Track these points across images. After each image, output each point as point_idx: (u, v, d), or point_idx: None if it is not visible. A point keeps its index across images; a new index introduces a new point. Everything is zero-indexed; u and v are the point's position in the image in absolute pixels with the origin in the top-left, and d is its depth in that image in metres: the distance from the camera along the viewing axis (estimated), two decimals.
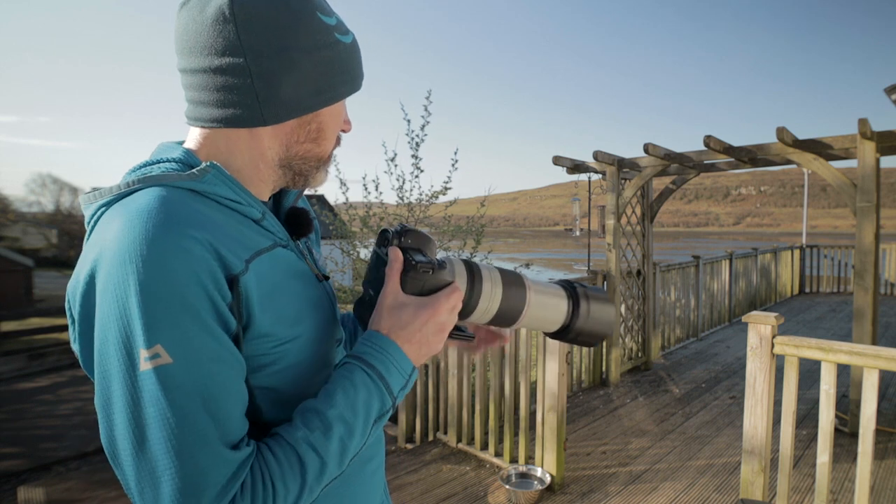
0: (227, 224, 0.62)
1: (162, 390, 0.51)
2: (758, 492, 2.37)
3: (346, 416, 0.61)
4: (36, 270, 21.27)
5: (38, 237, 37.63)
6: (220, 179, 0.63)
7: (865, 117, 3.57)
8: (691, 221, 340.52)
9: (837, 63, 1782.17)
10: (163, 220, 0.54)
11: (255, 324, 0.60)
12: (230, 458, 0.54)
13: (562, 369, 2.97)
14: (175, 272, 0.52)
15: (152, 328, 0.51)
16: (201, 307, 0.54)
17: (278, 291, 0.64)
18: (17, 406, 6.47)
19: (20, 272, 20.05)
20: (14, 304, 18.42)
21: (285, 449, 0.58)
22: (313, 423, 0.59)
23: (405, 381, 0.67)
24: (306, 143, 0.69)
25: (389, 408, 0.66)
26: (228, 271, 0.57)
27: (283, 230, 0.71)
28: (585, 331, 0.77)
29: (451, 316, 0.69)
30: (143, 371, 0.51)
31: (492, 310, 0.72)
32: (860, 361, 2.05)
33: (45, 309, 12.01)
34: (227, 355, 0.56)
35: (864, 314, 3.60)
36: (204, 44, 0.62)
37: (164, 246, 0.53)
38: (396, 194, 6.00)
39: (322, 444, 0.59)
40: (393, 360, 0.65)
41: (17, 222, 37.33)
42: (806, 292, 10.45)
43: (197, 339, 0.53)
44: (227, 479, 0.53)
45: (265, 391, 0.64)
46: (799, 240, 13.78)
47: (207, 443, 0.53)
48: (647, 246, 5.41)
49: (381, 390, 0.64)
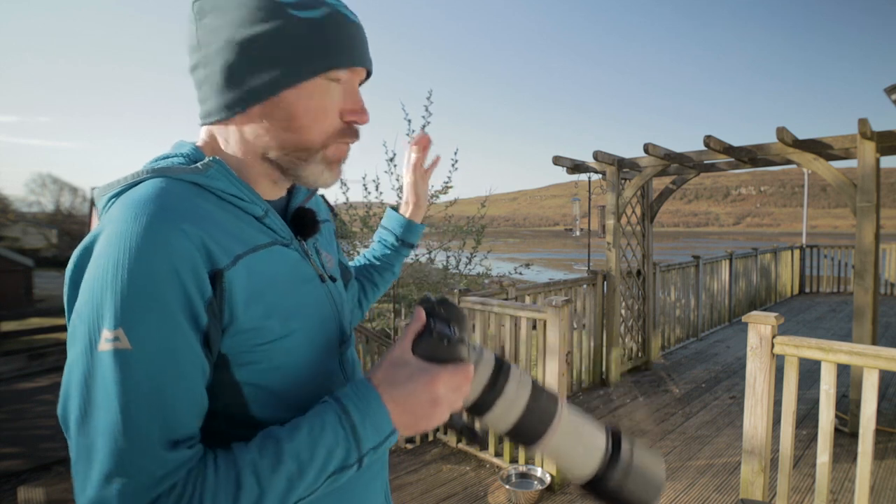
0: (225, 219, 0.63)
1: (113, 374, 0.52)
2: (758, 492, 2.37)
3: (302, 455, 0.57)
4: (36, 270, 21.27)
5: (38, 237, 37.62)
6: (222, 174, 0.64)
7: (865, 117, 3.57)
8: (691, 221, 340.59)
9: (837, 63, 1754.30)
10: (155, 210, 0.56)
11: (239, 319, 0.60)
12: (165, 456, 0.53)
13: (562, 369, 2.97)
14: (154, 263, 0.53)
15: (120, 313, 0.52)
16: (173, 302, 0.54)
17: (271, 288, 0.64)
18: (17, 406, 6.47)
19: (20, 272, 20.05)
20: (14, 304, 18.42)
21: (229, 467, 0.55)
22: (267, 451, 0.56)
23: (379, 441, 0.60)
24: (279, 132, 0.66)
25: (354, 463, 0.60)
26: (213, 266, 0.57)
27: (286, 229, 0.70)
28: (623, 489, 0.64)
29: (452, 394, 0.62)
30: (101, 351, 0.52)
31: (511, 417, 0.65)
32: (860, 361, 2.05)
33: (45, 309, 12.00)
34: (189, 354, 0.56)
35: (864, 314, 3.60)
36: (186, 44, 0.68)
37: (150, 236, 0.54)
38: (397, 195, 6.00)
39: (267, 475, 0.55)
40: (371, 415, 0.60)
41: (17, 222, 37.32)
42: (806, 292, 10.45)
43: (159, 333, 0.54)
44: (157, 477, 0.53)
45: (253, 388, 0.63)
46: (799, 240, 13.78)
47: (144, 437, 0.52)
48: (647, 246, 5.41)
49: (348, 441, 0.59)
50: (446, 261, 6.04)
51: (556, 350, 2.96)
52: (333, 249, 0.87)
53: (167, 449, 0.54)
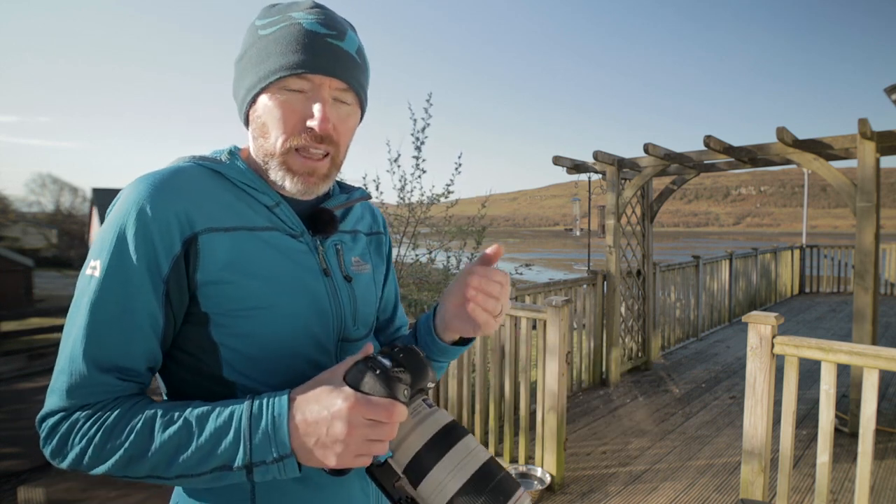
0: (230, 200, 0.73)
1: (84, 294, 0.66)
2: (758, 492, 2.37)
3: (193, 429, 0.61)
4: (36, 270, 21.26)
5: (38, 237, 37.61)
6: (236, 167, 0.75)
7: (865, 117, 3.56)
8: (691, 221, 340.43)
9: (837, 63, 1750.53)
10: (153, 181, 0.68)
11: (215, 279, 0.68)
12: (92, 374, 0.64)
13: (562, 369, 2.97)
14: (133, 216, 0.66)
15: (101, 248, 0.66)
16: (140, 250, 0.65)
17: (254, 262, 0.71)
18: (17, 406, 6.47)
19: (20, 272, 20.05)
20: (14, 304, 18.42)
21: (137, 410, 0.64)
22: (171, 411, 0.63)
23: (272, 458, 0.59)
24: (255, 139, 0.76)
25: (240, 467, 0.60)
26: (191, 229, 0.67)
27: (297, 222, 0.77)
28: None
29: (366, 427, 0.58)
30: (86, 274, 0.67)
31: (449, 489, 0.59)
32: (860, 361, 2.05)
33: (45, 309, 12.01)
34: (144, 294, 0.66)
35: (864, 314, 3.60)
36: None
37: (137, 197, 0.66)
38: (398, 195, 6.01)
39: (160, 432, 0.62)
40: (273, 429, 0.60)
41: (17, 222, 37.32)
42: (806, 292, 10.45)
43: (121, 270, 0.65)
44: (84, 390, 0.64)
45: (229, 350, 0.70)
46: (799, 240, 13.78)
47: (86, 351, 0.64)
48: (647, 246, 5.41)
49: (238, 443, 0.60)
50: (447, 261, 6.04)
51: (556, 350, 2.96)
52: (371, 259, 0.90)
53: (98, 370, 0.64)
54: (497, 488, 0.60)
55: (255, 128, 0.75)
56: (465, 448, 0.62)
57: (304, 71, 0.70)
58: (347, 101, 0.75)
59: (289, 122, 0.72)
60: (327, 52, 0.71)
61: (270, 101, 0.72)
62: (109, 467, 0.62)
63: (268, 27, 0.73)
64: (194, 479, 0.62)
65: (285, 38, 0.71)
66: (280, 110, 0.72)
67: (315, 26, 0.71)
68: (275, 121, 0.72)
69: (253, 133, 0.76)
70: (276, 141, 0.72)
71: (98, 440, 0.62)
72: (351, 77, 0.74)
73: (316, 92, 0.72)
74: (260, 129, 0.74)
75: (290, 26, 0.71)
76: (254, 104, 0.74)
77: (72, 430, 0.63)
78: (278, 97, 0.72)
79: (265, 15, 0.75)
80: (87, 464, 0.63)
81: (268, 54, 0.72)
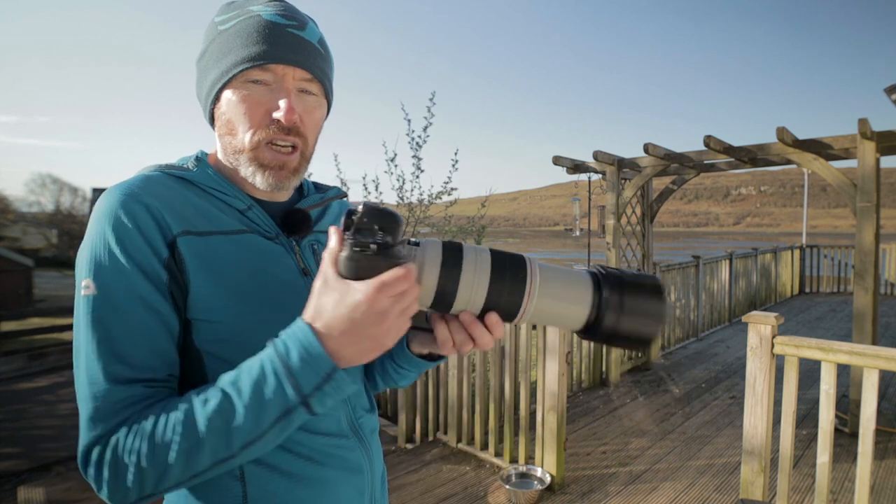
0: (203, 206, 0.71)
1: (85, 316, 0.62)
2: (758, 492, 2.37)
3: (233, 396, 0.58)
4: (36, 270, 21.27)
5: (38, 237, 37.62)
6: (204, 173, 0.74)
7: (865, 117, 3.57)
8: (691, 221, 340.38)
9: (837, 63, 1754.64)
10: (124, 189, 0.66)
11: (193, 284, 0.66)
12: (116, 390, 0.61)
13: (562, 369, 2.97)
14: (114, 226, 0.63)
15: (89, 266, 0.63)
16: (129, 256, 0.63)
17: (231, 266, 0.69)
18: (17, 406, 6.47)
19: (20, 272, 20.06)
20: (14, 304, 18.43)
21: (172, 407, 0.60)
22: (203, 393, 0.60)
23: (319, 379, 0.57)
24: (222, 137, 0.75)
25: (296, 405, 0.58)
26: (170, 233, 0.66)
27: (271, 224, 0.76)
28: (620, 332, 0.61)
29: (398, 302, 0.57)
30: (81, 296, 0.63)
31: (479, 298, 0.60)
32: (860, 361, 2.05)
33: (45, 309, 12.01)
34: (146, 298, 0.64)
35: (864, 314, 3.60)
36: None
37: (114, 206, 0.64)
38: (397, 194, 6.01)
39: (202, 414, 0.57)
40: (303, 352, 0.57)
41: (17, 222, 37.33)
42: (806, 292, 10.44)
43: (117, 280, 0.63)
44: (116, 408, 0.61)
45: (212, 358, 0.68)
46: (799, 240, 13.78)
47: (105, 370, 0.61)
48: (647, 246, 5.41)
49: (280, 382, 0.57)
50: None
51: (556, 350, 2.96)
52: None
53: (121, 383, 0.61)
54: (513, 266, 0.61)
55: (221, 125, 0.74)
56: (473, 258, 0.60)
57: (266, 62, 0.69)
58: (313, 91, 0.74)
59: (255, 115, 0.70)
60: (289, 41, 0.71)
61: (234, 96, 0.71)
62: (171, 472, 0.57)
63: (227, 22, 0.72)
64: (260, 442, 0.58)
65: (245, 31, 0.70)
66: (245, 104, 0.70)
67: (275, 17, 0.71)
68: (240, 115, 0.71)
69: (219, 132, 0.75)
70: (243, 136, 0.71)
71: (146, 449, 0.57)
72: (315, 66, 0.73)
73: (280, 83, 0.71)
74: (226, 126, 0.73)
75: (249, 18, 0.71)
76: (218, 101, 0.73)
77: (116, 452, 0.58)
78: (242, 91, 0.70)
79: (224, 11, 0.74)
80: (148, 478, 0.57)
81: (229, 49, 0.71)
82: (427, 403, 3.86)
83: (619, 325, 0.61)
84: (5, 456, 4.94)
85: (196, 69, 0.76)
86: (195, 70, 0.76)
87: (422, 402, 3.88)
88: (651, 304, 0.62)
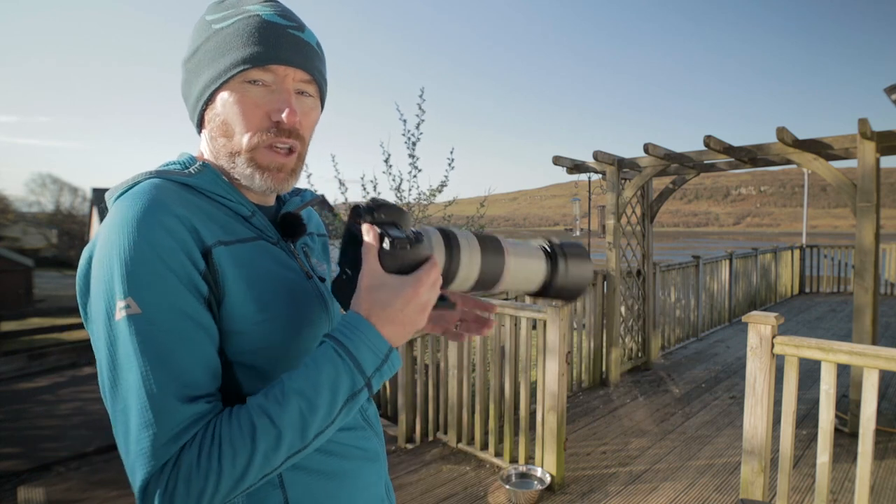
0: (214, 213, 0.69)
1: (130, 337, 0.58)
2: (758, 492, 2.37)
3: (305, 389, 0.60)
4: (36, 270, 21.28)
5: (38, 237, 37.63)
6: (209, 177, 0.71)
7: (865, 117, 3.56)
8: (691, 221, 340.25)
9: (837, 63, 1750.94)
10: (149, 199, 0.62)
11: (229, 294, 0.65)
12: (184, 409, 0.58)
13: (562, 369, 2.97)
14: (150, 239, 0.60)
15: (127, 283, 0.58)
16: (171, 270, 0.60)
17: (256, 274, 0.69)
18: (17, 406, 6.47)
19: (20, 272, 20.06)
20: (14, 304, 18.43)
21: (241, 414, 0.59)
22: (271, 393, 0.60)
23: (380, 360, 0.64)
24: (216, 139, 0.73)
25: (362, 387, 0.63)
26: (203, 244, 0.64)
27: (272, 230, 0.76)
28: (565, 288, 0.78)
29: (433, 292, 0.66)
30: (117, 320, 0.58)
31: (471, 277, 0.70)
32: (860, 361, 2.05)
33: (45, 309, 12.00)
34: (193, 313, 0.61)
35: (864, 314, 3.60)
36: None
37: (146, 218, 0.61)
38: (395, 194, 6.01)
39: (277, 412, 0.58)
40: (365, 339, 0.63)
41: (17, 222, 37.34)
42: (806, 292, 10.44)
43: (163, 296, 0.59)
44: (180, 428, 0.57)
45: (243, 367, 0.68)
46: (799, 240, 13.78)
47: (164, 392, 0.58)
48: (647, 246, 5.41)
49: (349, 368, 0.61)
50: None
51: (556, 350, 2.96)
52: (326, 262, 0.92)
53: (185, 402, 0.58)
54: (492, 244, 0.72)
55: (214, 127, 0.72)
56: (466, 245, 0.70)
57: (268, 62, 0.68)
58: (310, 92, 0.74)
59: (254, 117, 0.69)
60: (291, 42, 0.70)
61: (231, 97, 0.69)
62: (248, 477, 0.57)
63: (222, 21, 0.70)
64: (330, 428, 0.62)
65: (245, 30, 0.68)
66: (244, 105, 0.69)
67: (275, 17, 0.70)
68: (238, 117, 0.69)
69: (211, 133, 0.72)
70: (241, 138, 0.70)
71: (224, 464, 0.56)
72: (314, 68, 0.73)
73: (280, 84, 0.70)
74: (220, 128, 0.71)
75: (248, 18, 0.69)
76: (211, 102, 0.71)
77: (186, 463, 0.56)
78: (240, 92, 0.69)
79: (216, 10, 0.72)
80: (222, 488, 0.56)
81: (227, 48, 0.69)
82: (427, 403, 3.86)
83: (567, 283, 0.78)
84: (5, 456, 4.94)
85: (183, 69, 0.74)
86: (181, 70, 0.74)
87: (422, 402, 3.88)
88: (586, 267, 0.79)
